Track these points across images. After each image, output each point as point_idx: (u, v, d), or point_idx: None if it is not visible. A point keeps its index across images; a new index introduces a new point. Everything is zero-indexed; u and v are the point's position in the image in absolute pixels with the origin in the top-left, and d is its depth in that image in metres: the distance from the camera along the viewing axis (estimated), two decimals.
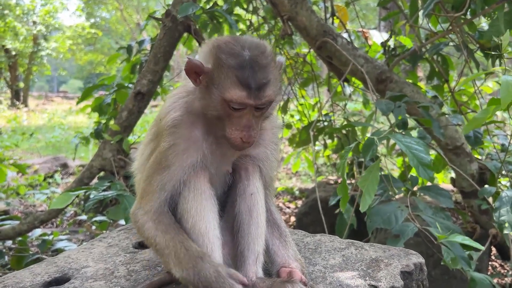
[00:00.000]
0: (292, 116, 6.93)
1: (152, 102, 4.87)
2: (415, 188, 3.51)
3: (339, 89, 5.80)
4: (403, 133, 3.32)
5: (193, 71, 1.59)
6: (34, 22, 25.67)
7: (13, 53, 24.80)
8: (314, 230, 2.58)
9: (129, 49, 5.00)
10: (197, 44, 4.55)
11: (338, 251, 1.91)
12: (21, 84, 26.78)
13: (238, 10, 5.68)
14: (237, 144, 1.60)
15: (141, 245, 2.16)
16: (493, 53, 3.34)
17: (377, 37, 6.06)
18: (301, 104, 6.03)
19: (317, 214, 3.71)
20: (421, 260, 1.79)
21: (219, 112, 1.58)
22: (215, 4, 4.73)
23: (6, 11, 23.78)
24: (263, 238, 1.70)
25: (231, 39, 1.61)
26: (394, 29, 4.92)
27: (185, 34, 4.54)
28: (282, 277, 1.64)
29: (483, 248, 2.45)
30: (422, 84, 5.56)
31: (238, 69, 1.53)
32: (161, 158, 1.65)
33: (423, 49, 4.33)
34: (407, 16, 4.38)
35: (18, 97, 26.49)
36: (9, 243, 4.72)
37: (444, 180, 7.03)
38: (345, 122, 5.21)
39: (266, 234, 1.74)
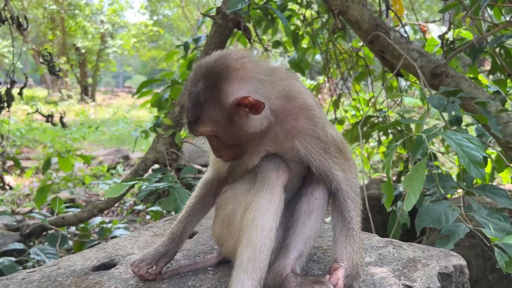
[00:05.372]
0: (346, 111, 6.81)
1: None
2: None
3: (394, 84, 5.63)
4: (457, 130, 3.17)
5: None
6: (102, 21, 27.12)
7: (83, 51, 26.36)
8: (366, 228, 2.48)
9: (185, 46, 5.15)
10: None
11: (375, 250, 1.88)
12: (90, 80, 28.44)
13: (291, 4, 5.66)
14: None
15: None
16: None
17: (437, 31, 5.82)
18: (354, 99, 5.92)
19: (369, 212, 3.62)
20: (462, 262, 1.71)
21: None
22: None
23: (76, 11, 25.30)
24: (312, 241, 1.67)
25: (193, 68, 1.61)
26: (454, 22, 4.70)
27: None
28: (325, 275, 1.58)
29: None
30: (485, 79, 5.27)
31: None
32: None
33: (484, 42, 4.09)
34: (466, 8, 4.16)
35: (86, 92, 28.14)
36: (73, 229, 5.06)
37: (509, 180, 6.63)
38: (399, 118, 5.05)
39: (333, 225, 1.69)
